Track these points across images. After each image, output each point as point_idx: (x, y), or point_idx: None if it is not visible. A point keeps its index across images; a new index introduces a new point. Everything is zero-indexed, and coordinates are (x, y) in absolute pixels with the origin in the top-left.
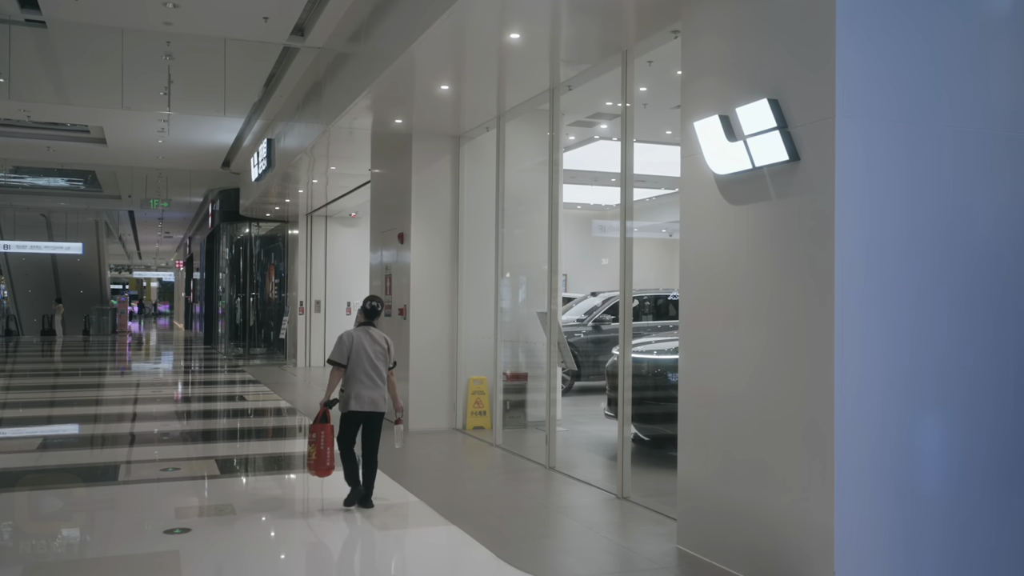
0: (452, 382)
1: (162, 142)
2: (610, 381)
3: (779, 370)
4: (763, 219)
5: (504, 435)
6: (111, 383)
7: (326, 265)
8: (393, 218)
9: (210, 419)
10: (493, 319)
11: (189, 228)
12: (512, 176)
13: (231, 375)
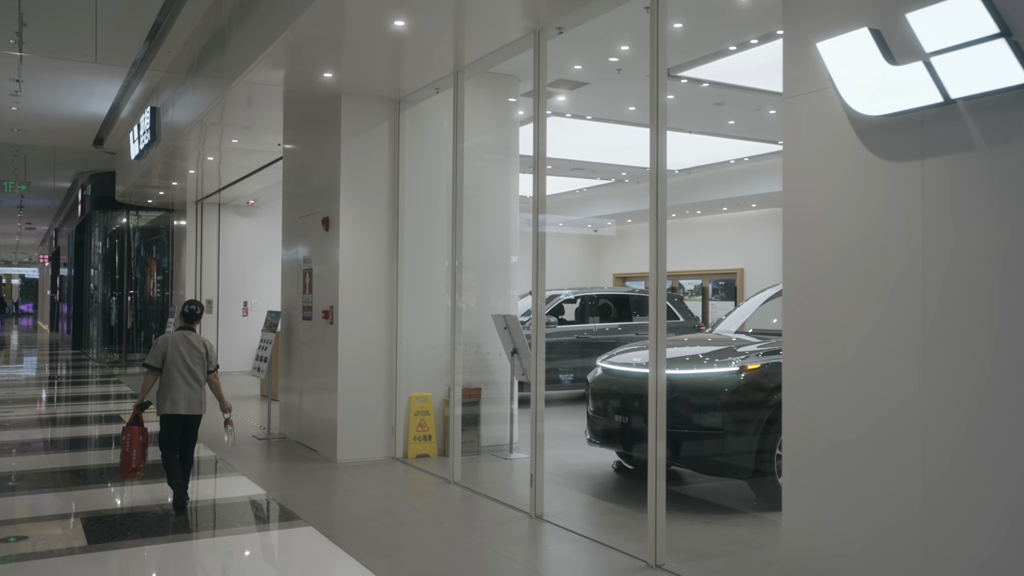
0: (390, 401)
1: (16, 109)
2: (596, 400)
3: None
4: (957, 180)
5: (450, 465)
6: None
7: (219, 260)
8: (315, 200)
9: (76, 450)
10: (445, 323)
11: (55, 218)
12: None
13: (103, 387)
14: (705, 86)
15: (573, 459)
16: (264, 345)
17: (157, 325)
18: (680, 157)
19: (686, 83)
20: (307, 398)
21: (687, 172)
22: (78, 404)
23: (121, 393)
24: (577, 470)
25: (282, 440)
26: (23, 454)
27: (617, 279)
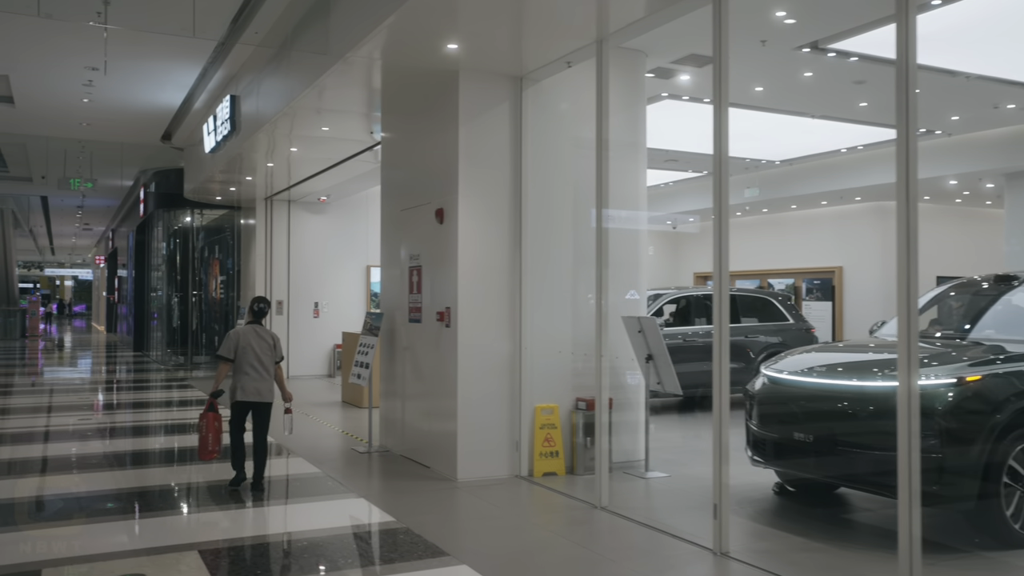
0: (513, 413)
1: (88, 101)
2: (763, 415)
3: None
4: None
5: (587, 487)
6: (24, 407)
7: (289, 259)
8: (424, 190)
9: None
10: (570, 325)
11: (113, 218)
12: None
13: (177, 392)
14: (853, 60)
15: None
16: (364, 350)
17: (221, 327)
18: (788, 146)
19: (833, 57)
20: (414, 408)
21: (789, 163)
22: (161, 411)
23: (200, 399)
24: (735, 492)
25: (385, 454)
26: (115, 468)
27: (698, 278)
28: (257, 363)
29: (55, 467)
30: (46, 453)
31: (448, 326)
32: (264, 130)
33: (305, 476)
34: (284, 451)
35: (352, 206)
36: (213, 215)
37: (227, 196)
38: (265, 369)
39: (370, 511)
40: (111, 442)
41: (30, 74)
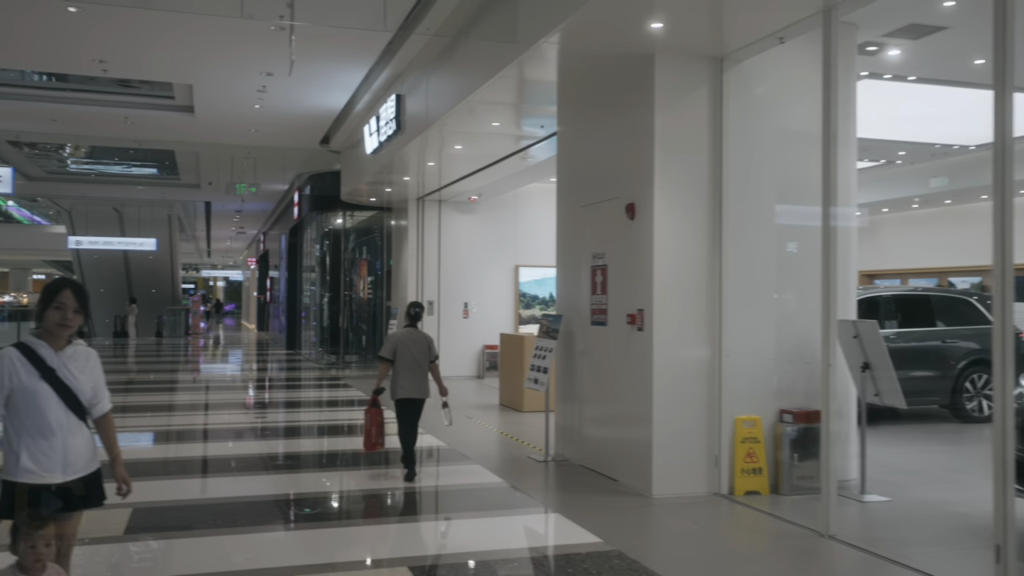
0: (712, 424)
1: (259, 107)
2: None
3: None
4: None
5: (798, 509)
6: (199, 404)
7: (440, 260)
8: (610, 184)
9: (355, 467)
10: (774, 328)
11: (265, 222)
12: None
13: (342, 392)
14: None
15: (955, 505)
16: (541, 354)
17: (369, 327)
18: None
19: None
20: (595, 416)
21: (985, 148)
22: (329, 411)
23: (362, 399)
24: (976, 523)
25: (563, 464)
26: (297, 469)
27: (864, 277)
28: (413, 363)
29: (245, 466)
30: (234, 451)
31: (640, 329)
32: (433, 128)
33: (489, 486)
34: (459, 457)
35: (501, 205)
36: (361, 217)
37: (381, 197)
38: (420, 368)
39: (571, 529)
40: (290, 442)
41: (211, 83)
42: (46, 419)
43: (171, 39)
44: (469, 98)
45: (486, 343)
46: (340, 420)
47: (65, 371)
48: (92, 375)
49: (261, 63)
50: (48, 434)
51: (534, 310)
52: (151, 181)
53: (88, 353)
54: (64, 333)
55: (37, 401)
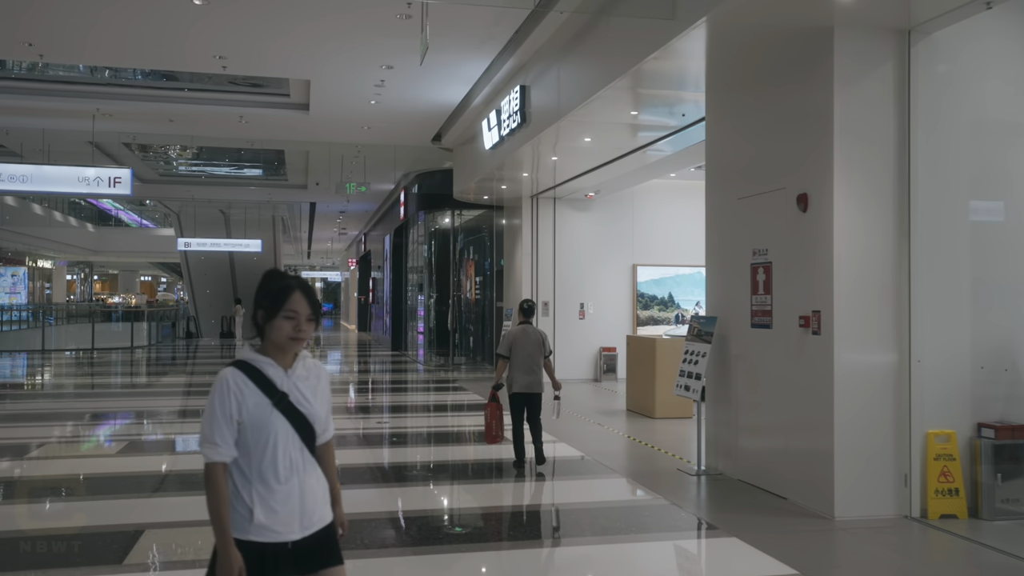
0: (900, 439)
1: (375, 103)
2: None
3: None
4: None
5: (1009, 537)
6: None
7: (555, 259)
8: (776, 174)
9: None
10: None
11: (367, 223)
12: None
13: (458, 395)
14: None
15: None
16: (693, 358)
17: (477, 329)
18: None
19: None
20: (756, 427)
21: None
22: (455, 416)
23: (478, 403)
24: None
25: (718, 478)
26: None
27: None
28: (528, 359)
29: (380, 477)
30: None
31: (816, 333)
32: (566, 119)
33: (646, 504)
34: (601, 468)
35: (618, 202)
36: (469, 216)
37: (495, 195)
38: (535, 363)
39: (755, 556)
40: (424, 450)
41: (329, 78)
42: (281, 458)
43: (291, 32)
44: (612, 84)
45: (603, 345)
46: (465, 425)
47: (298, 395)
48: (325, 397)
49: (382, 56)
50: (283, 477)
51: (652, 311)
52: (258, 182)
53: (318, 369)
54: (296, 348)
55: (270, 436)
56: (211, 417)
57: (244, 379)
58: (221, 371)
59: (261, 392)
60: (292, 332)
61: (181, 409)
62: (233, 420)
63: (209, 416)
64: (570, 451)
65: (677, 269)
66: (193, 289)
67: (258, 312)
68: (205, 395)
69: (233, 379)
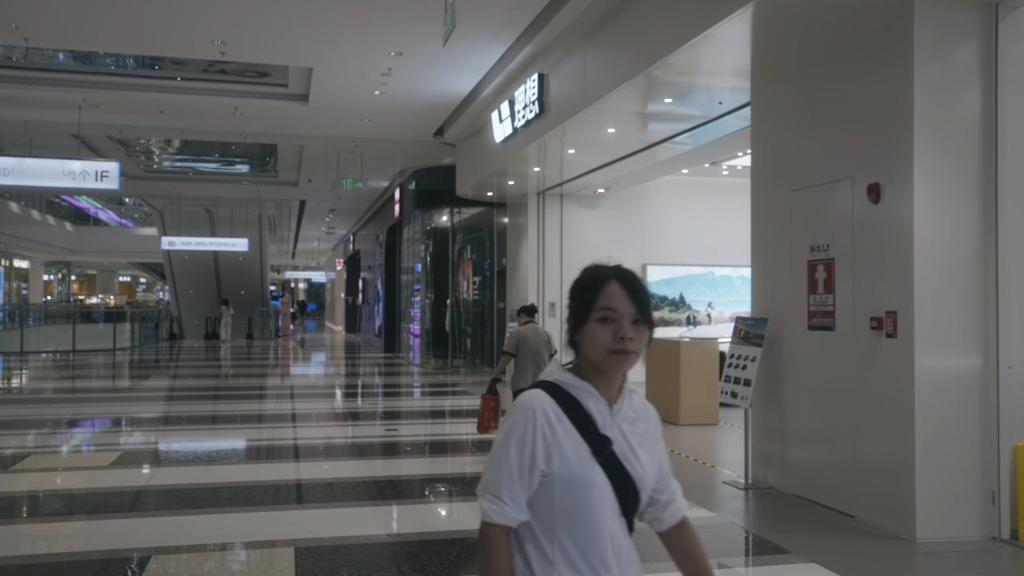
0: (987, 453)
1: (380, 93)
2: None
3: None
4: None
5: None
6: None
7: (562, 259)
8: (838, 162)
9: None
10: None
11: (357, 222)
12: None
13: (461, 400)
14: None
15: None
16: (741, 363)
17: (476, 331)
18: None
19: None
20: (815, 438)
21: None
22: (466, 423)
23: None
24: None
25: (769, 493)
26: None
27: None
28: (536, 356)
29: (401, 492)
30: (384, 471)
31: (892, 336)
32: (591, 108)
33: (708, 524)
34: None
35: (627, 200)
36: (467, 214)
37: (500, 191)
38: (543, 360)
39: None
40: (435, 461)
41: (333, 65)
42: (605, 537)
43: (297, 15)
44: (649, 70)
45: None
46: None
47: (624, 445)
48: (659, 454)
49: (392, 41)
50: (602, 564)
51: (663, 312)
52: (248, 178)
53: (649, 412)
54: (623, 368)
55: (588, 501)
56: (501, 460)
57: (558, 411)
58: (523, 395)
59: (580, 434)
60: (612, 342)
61: (175, 415)
62: (535, 469)
63: (498, 458)
64: None
65: (688, 269)
66: (176, 290)
67: (575, 308)
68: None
69: (543, 410)
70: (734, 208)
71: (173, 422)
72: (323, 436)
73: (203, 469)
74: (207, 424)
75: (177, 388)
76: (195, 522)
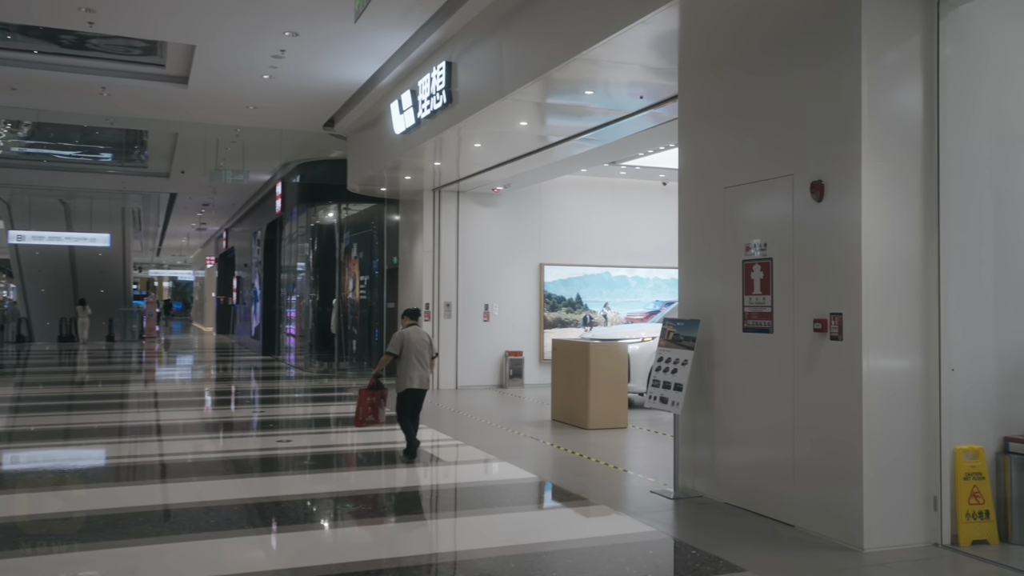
0: (929, 458)
1: (269, 77)
2: None
3: None
4: None
5: None
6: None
7: (458, 256)
8: (778, 158)
9: None
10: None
11: (232, 217)
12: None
13: (346, 405)
14: None
15: None
16: (671, 367)
17: (365, 332)
18: None
19: None
20: (752, 443)
21: None
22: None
23: None
24: None
25: (702, 502)
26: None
27: None
28: (420, 357)
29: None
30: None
31: (838, 338)
32: (507, 99)
33: (647, 540)
34: (568, 495)
35: (524, 198)
36: (355, 210)
37: (394, 187)
38: (425, 360)
39: None
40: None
41: (220, 44)
42: None
43: None
44: (573, 60)
45: (509, 349)
46: (382, 444)
47: None
48: None
49: (288, 19)
50: None
51: (560, 313)
52: (111, 168)
53: None
54: None
55: None
56: None
57: None
58: None
59: None
60: None
61: (19, 429)
62: None
63: None
64: (520, 472)
65: (585, 269)
66: (25, 288)
67: None
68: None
69: None
70: (630, 209)
71: (17, 437)
72: (194, 451)
73: (49, 496)
74: (56, 440)
75: (23, 397)
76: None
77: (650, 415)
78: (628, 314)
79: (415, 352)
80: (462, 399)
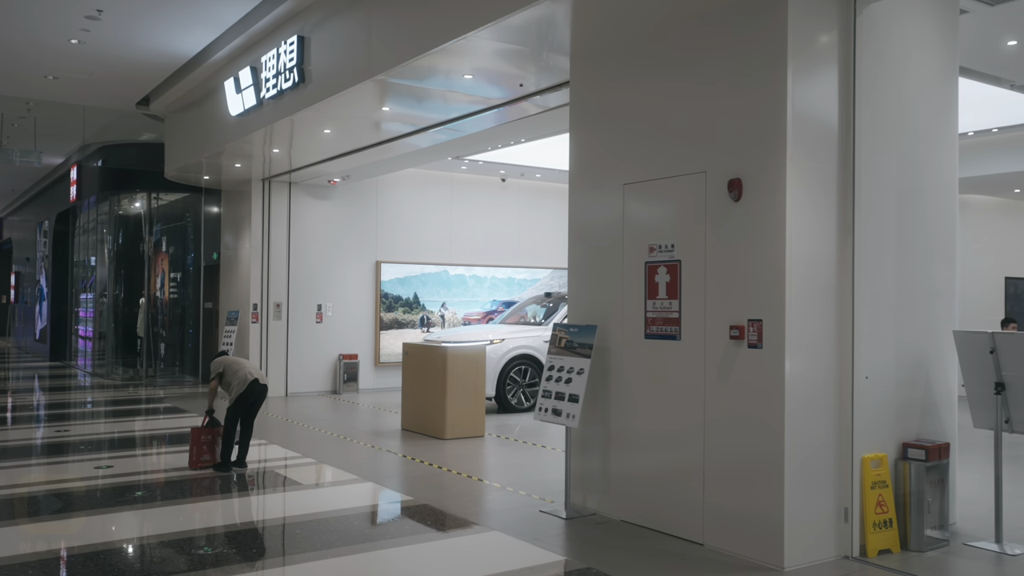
0: (842, 468)
1: (78, 42)
2: None
3: None
4: None
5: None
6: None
7: (289, 253)
8: (691, 154)
9: None
10: (901, 340)
11: (9, 204)
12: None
13: (175, 419)
14: None
15: None
16: (564, 376)
17: (177, 336)
18: None
19: None
20: (655, 458)
21: None
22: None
23: None
24: None
25: (600, 521)
26: None
27: None
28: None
29: None
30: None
31: (755, 346)
32: (372, 81)
33: (555, 570)
34: (454, 519)
35: (360, 192)
36: (166, 200)
37: (217, 175)
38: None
39: None
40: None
41: None
42: None
43: None
44: (466, 36)
45: (343, 352)
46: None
47: None
48: None
49: None
50: None
51: (397, 313)
52: None
53: None
54: None
55: None
56: None
57: None
58: None
59: None
60: None
61: None
62: None
63: None
64: (394, 495)
65: (423, 267)
66: None
67: None
68: None
69: None
70: (469, 205)
71: None
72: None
73: None
74: None
75: None
76: None
77: (498, 421)
78: (465, 314)
79: (239, 364)
80: (295, 407)
